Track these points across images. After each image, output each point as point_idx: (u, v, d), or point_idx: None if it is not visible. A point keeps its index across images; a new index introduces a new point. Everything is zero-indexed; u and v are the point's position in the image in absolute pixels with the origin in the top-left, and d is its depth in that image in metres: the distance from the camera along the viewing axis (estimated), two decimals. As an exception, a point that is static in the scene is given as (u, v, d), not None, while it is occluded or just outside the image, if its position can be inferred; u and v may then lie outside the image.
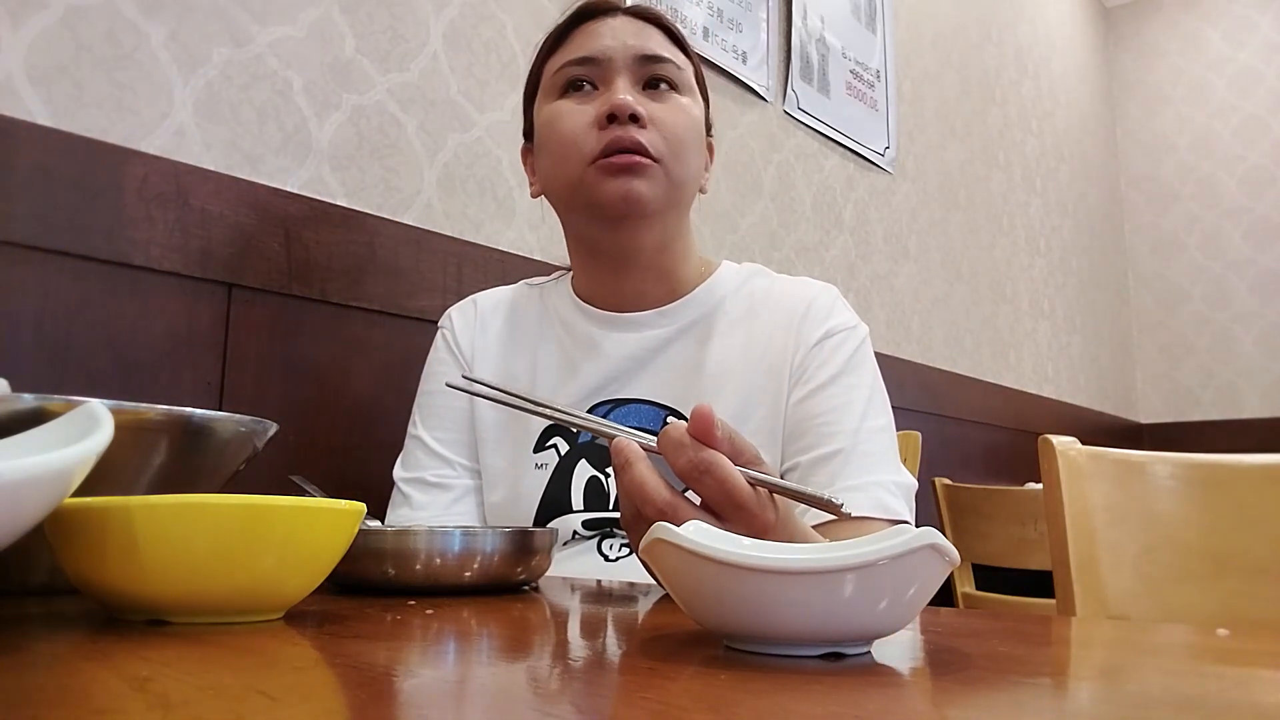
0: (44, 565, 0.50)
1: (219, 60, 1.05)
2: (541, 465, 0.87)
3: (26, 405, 0.46)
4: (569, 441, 0.87)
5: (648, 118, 0.83)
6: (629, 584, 0.70)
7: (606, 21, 0.87)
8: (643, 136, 0.82)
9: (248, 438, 0.58)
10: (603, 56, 0.85)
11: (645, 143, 0.82)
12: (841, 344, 0.87)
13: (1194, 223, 4.00)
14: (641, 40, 0.86)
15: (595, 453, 0.86)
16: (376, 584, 0.56)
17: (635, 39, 0.86)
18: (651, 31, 0.87)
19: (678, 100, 0.86)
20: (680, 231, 0.91)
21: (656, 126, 0.83)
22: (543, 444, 0.88)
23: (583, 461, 0.86)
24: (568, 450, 0.87)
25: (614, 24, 0.87)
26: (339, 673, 0.33)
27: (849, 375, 0.85)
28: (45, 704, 0.27)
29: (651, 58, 0.85)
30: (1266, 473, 0.94)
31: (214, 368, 1.00)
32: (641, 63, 0.85)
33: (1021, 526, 2.05)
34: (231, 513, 0.40)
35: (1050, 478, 0.97)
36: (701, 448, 0.49)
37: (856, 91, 2.26)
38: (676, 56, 0.87)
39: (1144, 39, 4.22)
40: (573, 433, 0.87)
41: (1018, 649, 0.40)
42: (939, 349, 2.55)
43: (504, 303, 0.98)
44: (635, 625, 0.47)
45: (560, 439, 0.88)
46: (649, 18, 0.89)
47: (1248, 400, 3.78)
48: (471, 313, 0.97)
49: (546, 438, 0.88)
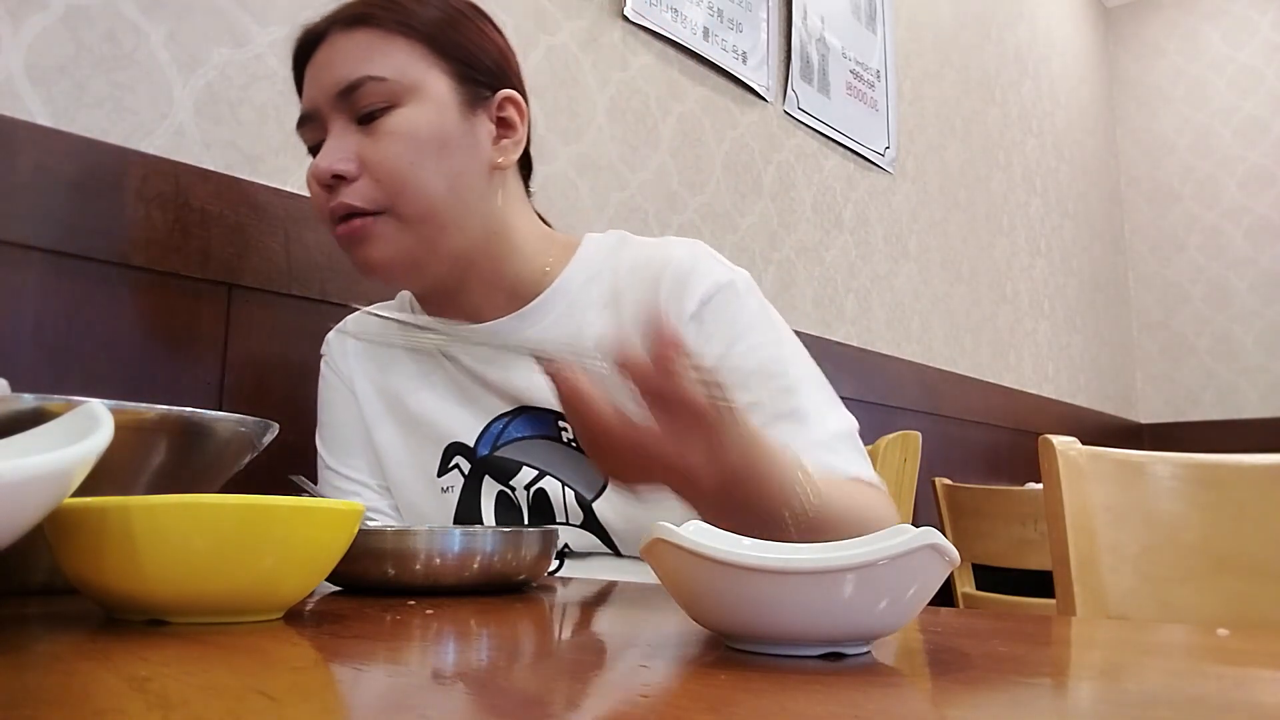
0: (44, 565, 0.50)
1: (219, 60, 1.05)
2: (447, 489, 0.84)
3: (26, 405, 0.46)
4: (469, 459, 0.83)
5: (359, 165, 0.75)
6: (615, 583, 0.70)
7: (315, 59, 0.79)
8: (353, 195, 0.75)
9: (248, 438, 0.58)
10: (312, 109, 0.78)
11: (358, 201, 0.75)
12: (723, 308, 0.78)
13: (1194, 223, 3.99)
14: (339, 70, 0.76)
15: (498, 467, 0.82)
16: (376, 584, 0.56)
17: (335, 70, 0.76)
18: (354, 44, 0.77)
19: (390, 123, 0.75)
20: (483, 238, 0.80)
21: (369, 171, 0.75)
22: (445, 466, 0.84)
23: (487, 478, 0.83)
24: (470, 468, 0.83)
25: (320, 60, 0.78)
26: (339, 673, 0.33)
27: (742, 340, 0.77)
28: (45, 704, 0.26)
29: (348, 89, 0.75)
30: (1266, 473, 0.94)
31: (214, 368, 1.00)
32: (343, 98, 0.76)
33: (1021, 526, 2.05)
34: (231, 513, 0.40)
35: (1050, 478, 0.97)
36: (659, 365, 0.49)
37: (856, 91, 2.26)
38: (384, 63, 0.76)
39: (1144, 39, 4.22)
40: (471, 449, 0.83)
41: (1018, 649, 0.40)
42: (939, 349, 2.55)
43: (374, 324, 0.91)
44: (635, 625, 0.47)
45: (461, 458, 0.83)
46: (356, 18, 0.78)
47: (1248, 400, 3.77)
48: (350, 338, 0.93)
49: (448, 459, 0.84)
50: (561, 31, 1.51)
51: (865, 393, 2.14)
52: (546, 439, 0.81)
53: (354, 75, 0.75)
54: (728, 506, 0.56)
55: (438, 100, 0.77)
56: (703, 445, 0.52)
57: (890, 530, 0.37)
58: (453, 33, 0.80)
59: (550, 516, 0.81)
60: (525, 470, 0.81)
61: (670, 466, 0.53)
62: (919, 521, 0.67)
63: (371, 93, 0.75)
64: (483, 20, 0.84)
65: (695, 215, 1.75)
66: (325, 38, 0.78)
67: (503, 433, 0.83)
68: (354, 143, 0.76)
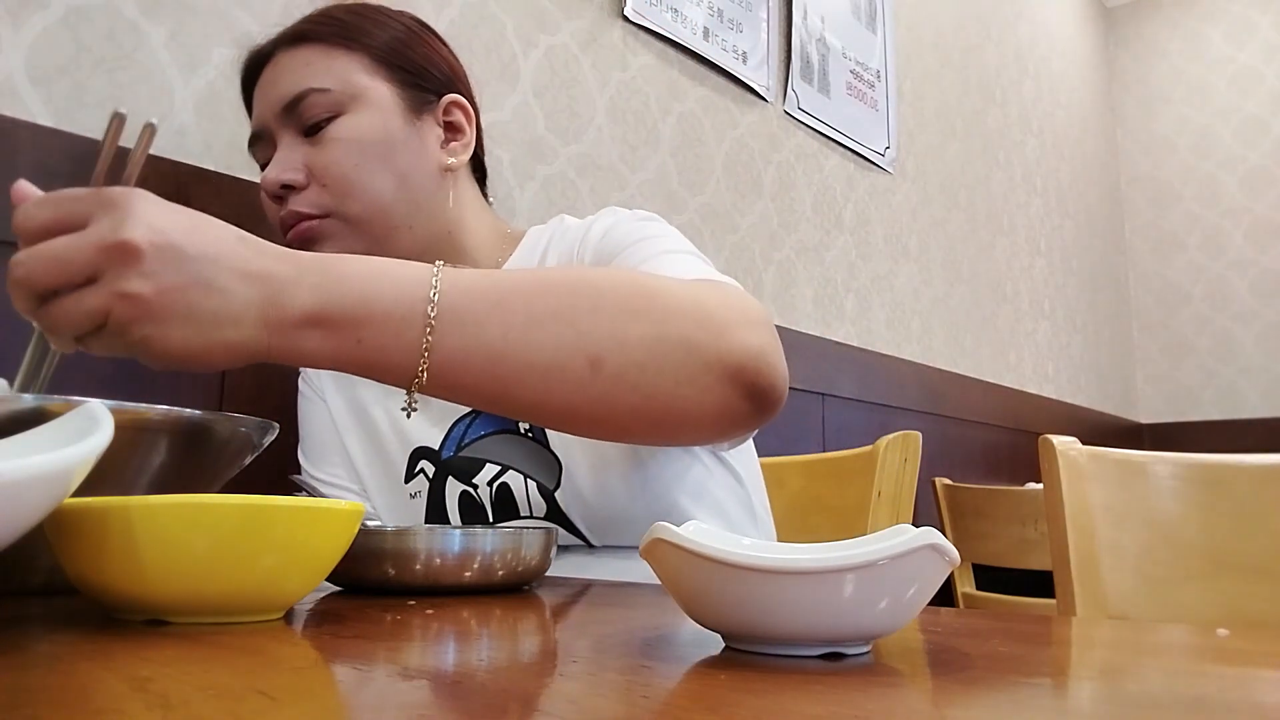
0: (44, 565, 0.50)
1: (219, 60, 1.05)
2: (415, 494, 0.85)
3: (26, 405, 0.46)
4: (434, 462, 0.84)
5: (306, 174, 0.78)
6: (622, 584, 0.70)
7: (261, 79, 0.82)
8: (301, 202, 0.77)
9: (248, 438, 0.58)
10: (260, 127, 0.81)
11: (306, 208, 0.77)
12: (615, 225, 0.78)
13: (1194, 223, 4.00)
14: (284, 86, 0.79)
15: (460, 468, 0.83)
16: (376, 584, 0.56)
17: (279, 86, 0.79)
18: (297, 60, 0.80)
19: (334, 130, 0.78)
20: (432, 239, 0.82)
21: (316, 179, 0.78)
22: (411, 471, 0.85)
23: (450, 479, 0.83)
24: (435, 471, 0.84)
25: (266, 79, 0.81)
26: (339, 673, 0.33)
27: (634, 244, 0.75)
28: (45, 704, 0.27)
29: (292, 103, 0.78)
30: (1266, 473, 0.94)
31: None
32: (289, 112, 0.78)
33: (1021, 526, 2.05)
34: (231, 513, 0.40)
35: (1050, 478, 0.97)
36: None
37: (856, 91, 2.26)
38: (326, 75, 0.78)
39: (1144, 39, 4.22)
40: (435, 452, 0.84)
41: (1018, 649, 0.40)
42: (939, 349, 2.55)
43: None
44: (635, 625, 0.47)
45: (426, 462, 0.84)
46: (298, 35, 0.81)
47: (1248, 400, 3.78)
48: None
49: (413, 465, 0.85)
50: (561, 31, 1.51)
51: (865, 393, 2.14)
52: (506, 433, 0.81)
53: (298, 88, 0.78)
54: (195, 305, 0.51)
55: (381, 106, 0.80)
56: (130, 219, 0.49)
57: (890, 530, 0.37)
58: (396, 44, 0.82)
59: (514, 511, 0.81)
60: (488, 467, 0.81)
61: (95, 256, 0.49)
62: (919, 521, 0.67)
63: (316, 104, 0.78)
64: (428, 34, 0.87)
65: (695, 215, 1.75)
66: (271, 58, 0.82)
67: (466, 433, 0.83)
68: (301, 154, 0.78)
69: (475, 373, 0.56)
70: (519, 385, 0.57)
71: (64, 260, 0.49)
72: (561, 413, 0.59)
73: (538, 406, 0.59)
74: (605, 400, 0.58)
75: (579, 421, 0.60)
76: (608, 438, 0.63)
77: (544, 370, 0.57)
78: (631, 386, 0.57)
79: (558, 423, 0.62)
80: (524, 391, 0.57)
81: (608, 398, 0.57)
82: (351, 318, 0.54)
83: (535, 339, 0.56)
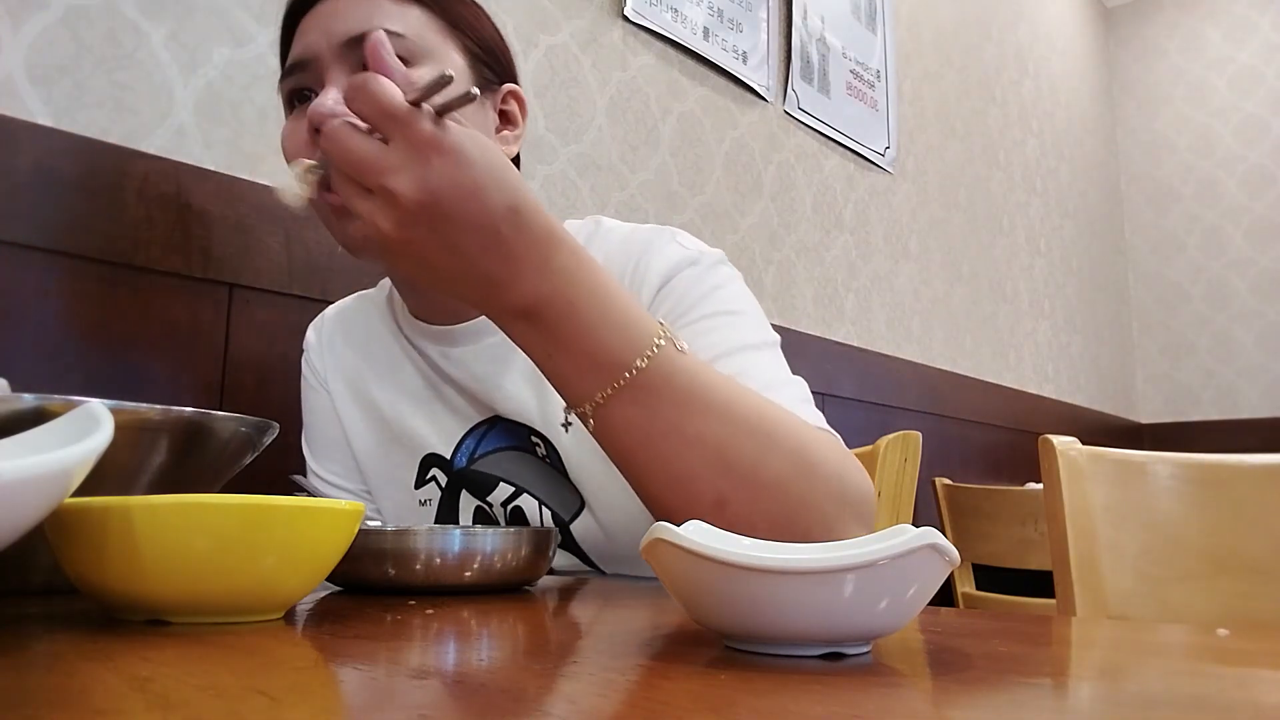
0: (44, 565, 0.50)
1: (219, 60, 1.05)
2: (425, 501, 0.82)
3: (26, 405, 0.46)
4: (446, 472, 0.81)
5: None
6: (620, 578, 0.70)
7: (315, 12, 0.74)
8: None
9: (248, 438, 0.58)
10: (309, 56, 0.72)
11: None
12: (678, 275, 0.73)
13: (1194, 223, 4.00)
14: (352, 20, 0.71)
15: (475, 481, 0.80)
16: (376, 584, 0.56)
17: (345, 19, 0.71)
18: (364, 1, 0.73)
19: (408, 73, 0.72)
20: None
21: None
22: (422, 478, 0.82)
23: (464, 493, 0.81)
24: (448, 481, 0.81)
25: (326, 10, 0.73)
26: (339, 673, 0.33)
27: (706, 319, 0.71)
28: (45, 704, 0.27)
29: (359, 38, 0.69)
30: (1266, 473, 0.94)
31: (214, 368, 1.00)
32: (350, 48, 0.70)
33: (1021, 526, 2.05)
34: (231, 513, 0.40)
35: (1050, 478, 0.97)
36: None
37: (856, 91, 2.26)
38: (401, 21, 0.72)
39: (1144, 39, 4.22)
40: (448, 461, 0.81)
41: (1018, 649, 0.40)
42: (939, 349, 2.55)
43: (358, 317, 0.89)
44: (635, 625, 0.47)
45: (438, 470, 0.82)
46: None
47: (1248, 400, 3.78)
48: (326, 332, 0.90)
49: (425, 471, 0.82)
50: (561, 31, 1.51)
51: (865, 393, 2.14)
52: (520, 451, 0.79)
53: (369, 24, 0.70)
54: (435, 255, 0.52)
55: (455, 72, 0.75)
56: (405, 152, 0.50)
57: (890, 530, 0.37)
58: (470, 17, 0.77)
59: None
60: (503, 486, 0.80)
61: (373, 182, 0.51)
62: (919, 521, 0.67)
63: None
64: (485, 13, 0.83)
65: (695, 215, 1.75)
66: None
67: (479, 445, 0.81)
68: None
69: (622, 442, 0.57)
70: (649, 476, 0.58)
71: (348, 161, 0.51)
72: (666, 515, 0.59)
73: (652, 500, 0.59)
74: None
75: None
76: None
77: (676, 481, 0.57)
78: (747, 524, 0.56)
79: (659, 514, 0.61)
80: (651, 483, 0.58)
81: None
82: (555, 337, 0.55)
83: (686, 455, 0.56)
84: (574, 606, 0.58)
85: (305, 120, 0.69)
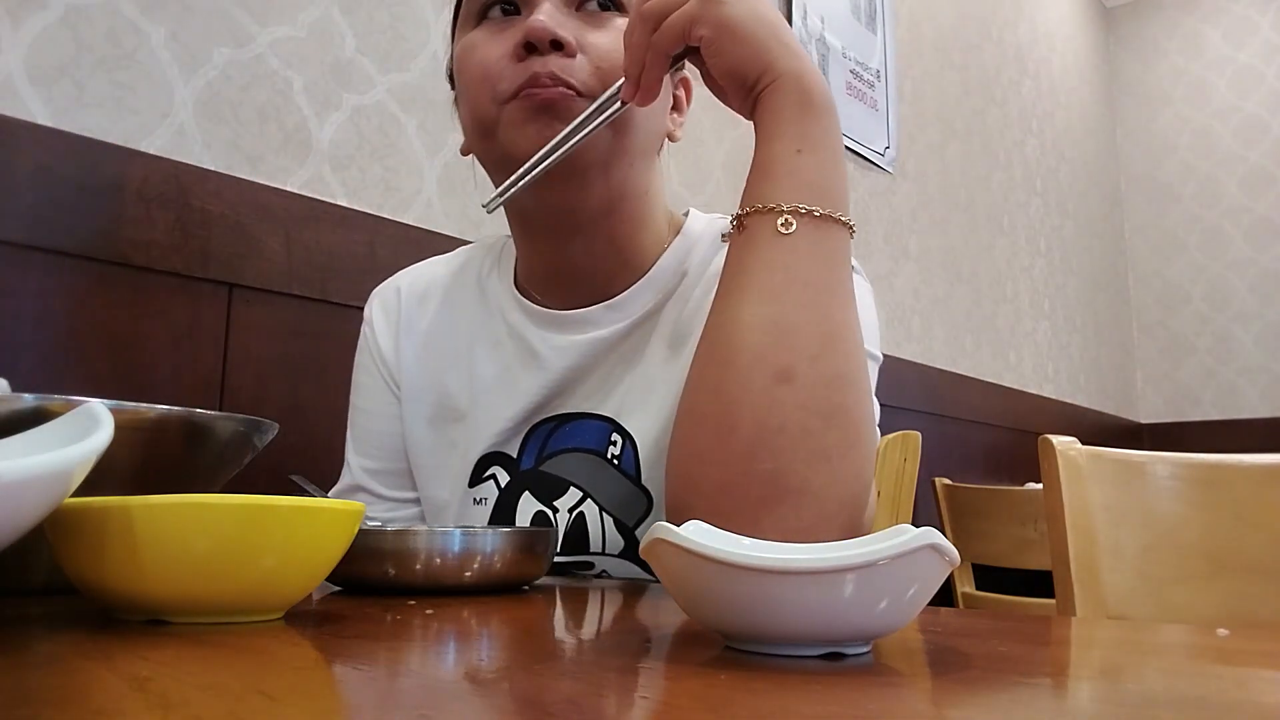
0: (44, 565, 0.50)
1: (219, 60, 1.05)
2: (481, 500, 0.76)
3: (26, 405, 0.46)
4: (509, 471, 0.76)
5: (577, 45, 0.67)
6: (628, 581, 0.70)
7: None
8: (568, 69, 0.66)
9: (248, 438, 0.58)
10: None
11: (572, 77, 0.66)
12: None
13: (1194, 223, 4.00)
14: None
15: (539, 483, 0.75)
16: (376, 584, 0.56)
17: None
18: None
19: (619, 22, 0.68)
20: (634, 190, 0.74)
21: (589, 55, 0.67)
22: (479, 476, 0.77)
23: (526, 494, 0.75)
24: (508, 481, 0.76)
25: None
26: (339, 673, 0.33)
27: None
28: (45, 704, 0.27)
29: None
30: (1266, 473, 0.94)
31: (214, 368, 1.00)
32: None
33: (1021, 526, 2.05)
34: (231, 513, 0.40)
35: (1050, 478, 0.97)
36: None
37: (857, 91, 2.26)
38: None
39: (1144, 39, 4.22)
40: (514, 460, 0.76)
41: (1018, 649, 0.40)
42: (939, 349, 2.55)
43: (435, 290, 0.83)
44: (635, 625, 0.47)
45: (499, 469, 0.76)
46: None
47: (1248, 400, 3.78)
48: (395, 305, 0.83)
49: (483, 468, 0.77)
50: (561, 31, 1.51)
51: (865, 393, 2.14)
52: (588, 453, 0.75)
53: None
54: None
55: None
56: None
57: (890, 530, 0.37)
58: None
59: (585, 545, 0.74)
60: (571, 491, 0.74)
61: None
62: (919, 521, 0.67)
63: None
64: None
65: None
66: None
67: (547, 442, 0.76)
68: (574, 25, 0.68)
69: (765, 262, 0.59)
70: (750, 310, 0.58)
71: None
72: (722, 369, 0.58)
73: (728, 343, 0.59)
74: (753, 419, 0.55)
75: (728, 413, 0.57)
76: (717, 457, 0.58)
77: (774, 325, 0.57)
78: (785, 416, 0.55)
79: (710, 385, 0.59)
80: (747, 310, 0.58)
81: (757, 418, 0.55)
82: (813, 123, 0.60)
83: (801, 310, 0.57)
84: (574, 606, 0.58)
85: (506, 34, 0.68)
